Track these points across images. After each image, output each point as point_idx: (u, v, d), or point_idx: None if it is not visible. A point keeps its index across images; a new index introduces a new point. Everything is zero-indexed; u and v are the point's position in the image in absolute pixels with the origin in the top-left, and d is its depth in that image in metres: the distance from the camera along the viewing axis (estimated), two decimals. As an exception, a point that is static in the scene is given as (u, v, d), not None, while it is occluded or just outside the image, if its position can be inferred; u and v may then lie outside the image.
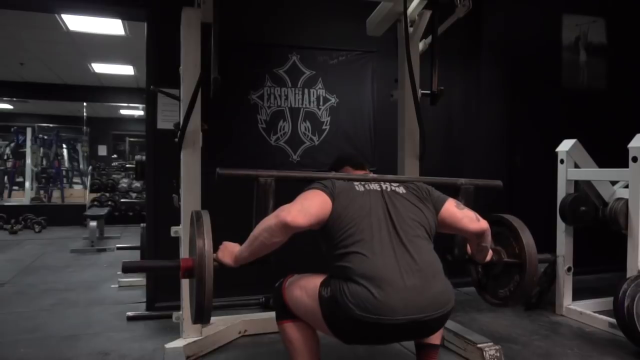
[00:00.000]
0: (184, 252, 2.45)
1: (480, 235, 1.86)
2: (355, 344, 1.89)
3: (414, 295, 1.55)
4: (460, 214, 1.84)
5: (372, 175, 1.96)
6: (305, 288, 1.73)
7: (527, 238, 2.04)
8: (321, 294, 1.64)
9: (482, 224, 1.84)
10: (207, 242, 1.59)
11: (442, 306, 1.61)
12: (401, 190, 1.82)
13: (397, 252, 1.62)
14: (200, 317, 1.61)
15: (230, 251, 1.75)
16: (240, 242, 3.37)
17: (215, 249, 1.70)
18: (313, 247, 1.80)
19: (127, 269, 1.73)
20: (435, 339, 1.91)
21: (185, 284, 2.48)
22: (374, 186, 1.80)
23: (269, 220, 1.62)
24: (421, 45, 2.93)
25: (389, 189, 1.81)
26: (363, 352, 2.60)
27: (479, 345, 2.40)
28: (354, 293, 1.53)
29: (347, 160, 2.10)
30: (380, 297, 1.50)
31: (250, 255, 1.70)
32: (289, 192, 1.75)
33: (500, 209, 4.05)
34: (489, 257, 2.08)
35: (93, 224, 5.91)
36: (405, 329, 1.56)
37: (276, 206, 1.72)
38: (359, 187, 1.78)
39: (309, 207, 1.64)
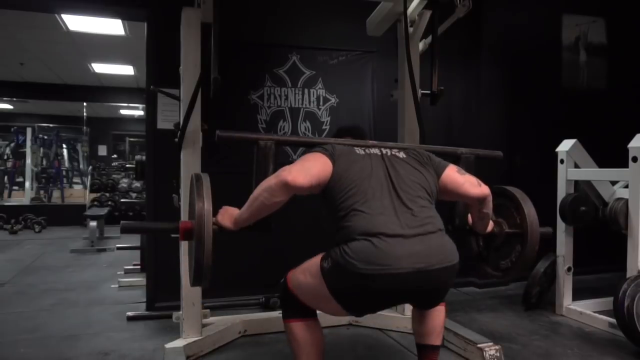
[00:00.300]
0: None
1: (482, 200, 1.85)
2: (366, 313, 1.83)
3: (417, 244, 1.56)
4: (462, 179, 1.83)
5: (372, 141, 1.95)
6: (307, 269, 1.74)
7: (528, 208, 2.01)
8: (323, 266, 1.64)
9: (484, 189, 1.83)
10: (207, 204, 1.58)
11: (447, 258, 1.61)
12: (402, 155, 1.83)
13: (398, 210, 1.62)
14: (199, 278, 1.60)
15: (230, 214, 1.74)
16: (239, 238, 3.36)
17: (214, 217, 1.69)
18: (315, 243, 1.80)
19: (126, 229, 1.73)
20: (436, 339, 1.90)
21: (185, 272, 2.49)
22: (374, 151, 1.81)
23: (270, 181, 1.62)
24: (421, 45, 2.93)
25: (389, 154, 1.81)
26: (363, 351, 2.60)
27: (479, 345, 2.40)
28: (355, 249, 1.52)
29: (348, 131, 2.09)
30: (382, 246, 1.51)
31: (250, 216, 1.69)
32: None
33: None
34: (489, 228, 2.06)
35: (93, 224, 5.91)
36: (412, 283, 1.54)
37: (275, 170, 1.72)
38: (359, 150, 1.79)
39: (310, 168, 1.64)
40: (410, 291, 1.62)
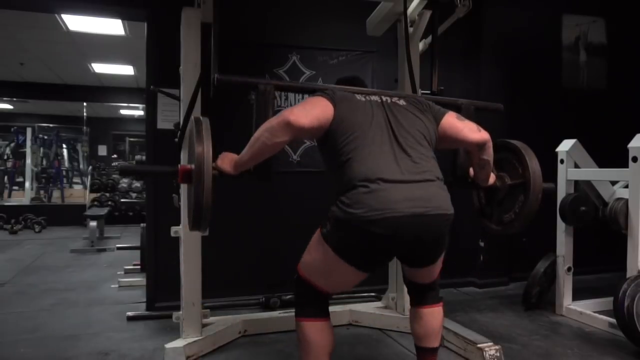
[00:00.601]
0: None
1: (482, 146, 1.85)
2: (377, 266, 1.77)
3: (415, 190, 1.59)
4: (461, 125, 1.84)
5: (372, 89, 1.95)
6: (310, 247, 1.75)
7: (530, 158, 2.01)
8: (323, 233, 1.67)
9: (484, 134, 1.84)
10: (207, 146, 1.59)
11: (443, 206, 1.63)
12: (402, 102, 1.83)
13: (397, 156, 1.64)
14: (199, 220, 1.60)
15: (230, 159, 1.75)
16: (240, 239, 3.35)
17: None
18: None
19: (124, 171, 1.75)
20: (434, 341, 1.88)
21: (185, 272, 2.49)
22: (375, 98, 1.81)
23: (271, 121, 1.63)
24: (421, 45, 2.93)
25: (389, 101, 1.82)
26: (363, 351, 2.60)
27: (479, 345, 2.40)
28: (355, 198, 1.55)
29: (347, 81, 2.08)
30: (381, 192, 1.54)
31: (251, 158, 1.70)
32: (291, 188, 1.75)
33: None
34: (492, 181, 2.05)
35: (93, 224, 5.91)
36: (409, 228, 1.56)
37: (274, 115, 1.72)
38: (359, 97, 1.79)
39: (312, 109, 1.66)
40: (408, 241, 1.62)
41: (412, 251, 1.73)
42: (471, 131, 1.83)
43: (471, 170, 2.08)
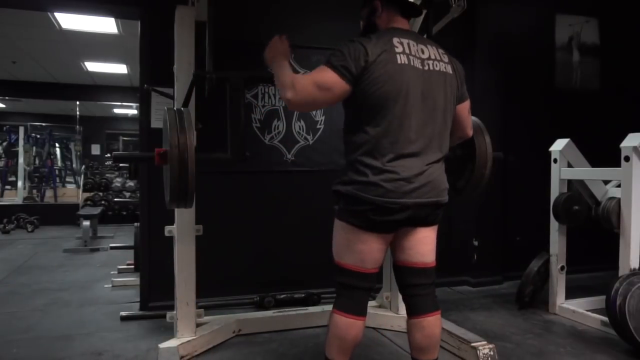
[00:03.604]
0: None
1: (464, 139, 2.07)
2: (384, 230, 1.79)
3: (418, 189, 1.70)
4: (468, 119, 2.01)
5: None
6: (334, 231, 1.80)
7: (476, 134, 2.18)
8: (337, 212, 1.77)
9: (470, 132, 2.06)
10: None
11: (441, 200, 1.79)
12: (449, 69, 1.86)
13: (414, 153, 1.71)
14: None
15: (282, 52, 2.01)
16: (234, 239, 3.33)
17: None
18: (309, 243, 1.80)
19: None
20: (435, 352, 1.82)
21: (179, 271, 2.49)
22: (416, 64, 1.76)
23: (302, 91, 1.91)
24: (415, 45, 2.93)
25: (430, 67, 1.80)
26: (357, 350, 2.60)
27: (472, 344, 2.41)
28: (363, 189, 1.67)
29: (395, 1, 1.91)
30: (388, 186, 1.66)
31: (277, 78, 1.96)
32: (285, 187, 1.74)
33: (495, 206, 4.07)
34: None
35: (86, 223, 5.88)
36: (406, 212, 1.70)
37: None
38: (400, 57, 1.74)
39: (324, 96, 1.93)
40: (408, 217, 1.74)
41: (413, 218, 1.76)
42: (470, 128, 2.03)
43: None
